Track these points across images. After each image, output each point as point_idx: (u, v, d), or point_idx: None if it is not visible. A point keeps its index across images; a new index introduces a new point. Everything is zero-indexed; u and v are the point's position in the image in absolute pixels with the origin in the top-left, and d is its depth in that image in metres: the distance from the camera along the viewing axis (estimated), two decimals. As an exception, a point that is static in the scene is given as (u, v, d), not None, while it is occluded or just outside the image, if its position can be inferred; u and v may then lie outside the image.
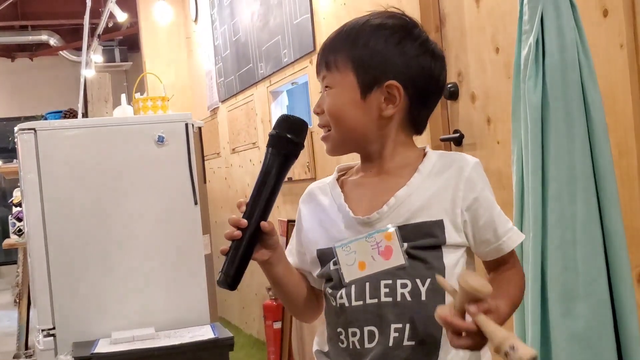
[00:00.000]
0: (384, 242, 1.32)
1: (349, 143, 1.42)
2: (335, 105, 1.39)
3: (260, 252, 1.37)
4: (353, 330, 1.34)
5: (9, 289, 9.15)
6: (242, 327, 5.79)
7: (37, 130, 2.97)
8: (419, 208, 1.34)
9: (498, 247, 1.36)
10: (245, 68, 4.99)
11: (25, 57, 11.21)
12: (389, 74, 1.36)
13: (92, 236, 2.99)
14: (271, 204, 1.36)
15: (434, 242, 1.32)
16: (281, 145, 1.36)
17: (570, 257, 1.62)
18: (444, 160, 1.39)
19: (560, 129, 1.63)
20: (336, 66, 1.40)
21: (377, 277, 1.32)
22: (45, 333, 2.92)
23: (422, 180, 1.37)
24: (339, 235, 1.38)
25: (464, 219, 1.34)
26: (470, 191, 1.34)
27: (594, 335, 1.61)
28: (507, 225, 1.37)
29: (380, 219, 1.35)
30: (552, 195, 1.63)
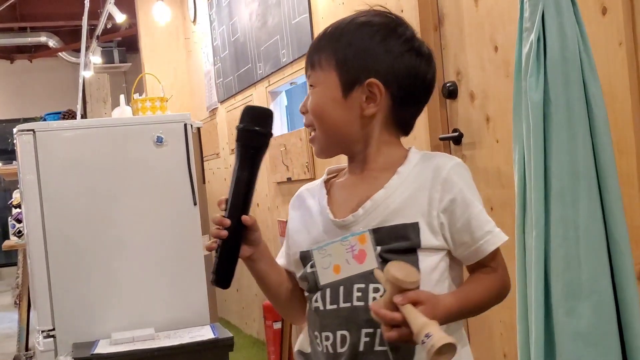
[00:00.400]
0: (358, 246, 1.30)
1: (334, 143, 1.41)
2: (318, 104, 1.39)
3: (242, 249, 1.37)
4: (326, 334, 1.33)
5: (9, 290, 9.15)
6: (242, 328, 5.79)
7: (36, 132, 2.97)
8: (395, 211, 1.32)
9: (476, 250, 1.33)
10: (244, 68, 4.99)
11: (24, 58, 11.21)
12: (371, 72, 1.35)
13: (92, 237, 2.98)
14: (249, 197, 1.36)
15: (408, 245, 1.30)
16: (249, 138, 1.36)
17: (573, 255, 1.62)
18: (425, 161, 1.37)
19: (562, 126, 1.63)
20: (320, 65, 1.39)
21: (351, 281, 1.31)
22: (45, 334, 2.92)
23: (400, 182, 1.35)
24: (319, 238, 1.38)
25: (441, 221, 1.32)
26: (447, 192, 1.32)
27: (597, 334, 1.61)
28: (486, 227, 1.33)
29: (356, 222, 1.34)
30: (555, 193, 1.63)
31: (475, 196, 1.35)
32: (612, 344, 1.62)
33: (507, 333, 2.48)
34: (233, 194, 1.35)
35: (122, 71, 10.92)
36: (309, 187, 1.50)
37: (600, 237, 1.63)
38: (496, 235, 1.34)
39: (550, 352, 1.67)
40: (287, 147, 4.22)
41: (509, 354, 2.48)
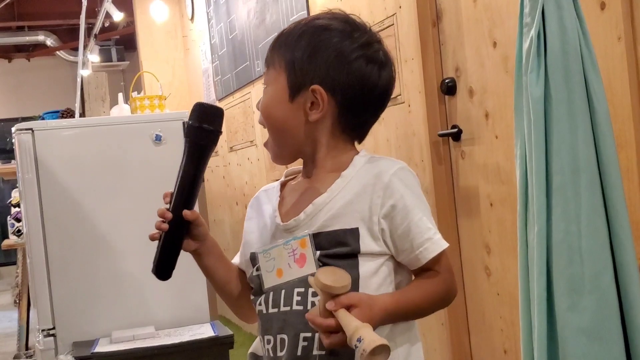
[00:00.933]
0: (299, 250, 1.30)
1: (283, 146, 1.40)
2: (267, 104, 1.39)
3: (187, 243, 1.38)
4: (268, 337, 1.34)
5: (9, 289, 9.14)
6: (241, 325, 5.79)
7: (34, 131, 2.96)
8: (335, 215, 1.32)
9: (415, 257, 1.31)
10: (242, 66, 4.98)
11: (22, 57, 11.20)
12: (316, 78, 1.34)
13: (91, 236, 2.98)
14: (194, 193, 1.37)
15: (347, 250, 1.29)
16: (197, 135, 1.36)
17: (576, 250, 1.61)
18: (369, 165, 1.36)
19: (563, 121, 1.63)
20: (273, 64, 1.40)
21: (292, 285, 1.31)
22: (45, 333, 2.92)
23: (343, 186, 1.34)
24: (267, 241, 1.38)
25: (382, 227, 1.30)
26: (388, 198, 1.30)
27: (600, 329, 1.60)
28: (426, 234, 1.31)
29: (298, 227, 1.34)
30: (556, 188, 1.63)
31: (418, 202, 1.33)
32: (615, 339, 1.62)
33: (507, 329, 2.48)
34: (177, 189, 1.36)
35: (120, 69, 10.91)
36: (267, 189, 1.51)
37: (602, 231, 1.63)
38: (436, 242, 1.31)
39: (553, 347, 1.67)
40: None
41: (510, 350, 2.48)
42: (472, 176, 2.60)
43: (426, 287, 1.32)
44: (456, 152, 2.69)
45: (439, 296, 1.34)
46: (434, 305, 1.35)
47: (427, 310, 1.34)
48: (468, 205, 2.64)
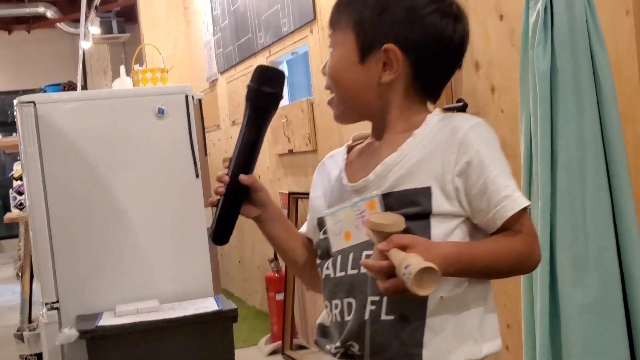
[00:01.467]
0: (367, 212, 1.24)
1: (350, 109, 1.34)
2: (334, 68, 1.33)
3: (246, 209, 1.35)
4: (335, 302, 1.30)
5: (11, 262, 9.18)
6: (244, 299, 5.81)
7: (36, 104, 2.94)
8: (405, 175, 1.24)
9: (493, 217, 1.21)
10: (244, 38, 4.95)
11: (22, 29, 11.14)
12: (389, 37, 1.26)
13: (94, 209, 2.98)
14: (253, 158, 1.34)
15: (418, 210, 1.21)
16: (258, 98, 1.33)
17: (580, 226, 1.61)
18: (443, 123, 1.27)
19: (569, 96, 1.62)
20: (339, 25, 1.32)
21: (360, 248, 1.25)
22: (49, 306, 2.92)
23: (414, 144, 1.26)
24: (334, 203, 1.32)
25: (456, 185, 1.22)
26: (462, 155, 1.21)
27: (603, 305, 1.61)
28: (504, 191, 1.20)
29: (368, 187, 1.28)
30: (561, 164, 1.62)
31: (495, 158, 1.22)
32: (617, 315, 1.62)
33: (510, 304, 2.49)
34: (237, 153, 1.33)
35: (120, 42, 10.85)
36: (333, 154, 1.44)
37: (606, 208, 1.63)
38: (514, 200, 1.20)
39: (556, 323, 1.67)
40: (288, 119, 4.20)
41: (513, 324, 2.49)
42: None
43: (501, 242, 1.21)
44: (460, 127, 2.68)
45: (517, 255, 1.22)
46: (510, 264, 1.23)
47: (500, 269, 1.23)
48: (472, 180, 2.63)
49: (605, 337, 1.61)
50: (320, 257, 1.34)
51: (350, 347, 1.26)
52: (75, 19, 9.44)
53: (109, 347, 2.66)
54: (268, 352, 4.37)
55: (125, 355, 2.68)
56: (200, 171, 3.08)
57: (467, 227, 1.24)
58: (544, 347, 1.66)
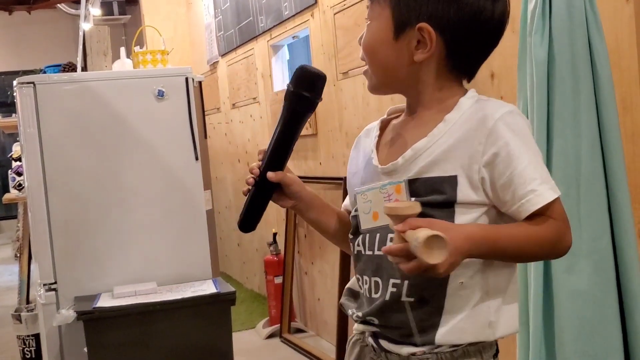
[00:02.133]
0: (394, 195, 1.23)
1: (383, 83, 1.34)
2: (369, 41, 1.31)
3: (281, 200, 1.41)
4: (365, 278, 1.33)
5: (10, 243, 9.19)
6: (243, 282, 5.83)
7: (36, 84, 2.94)
8: (433, 162, 1.24)
9: (517, 211, 1.20)
10: (245, 21, 4.94)
11: (23, 10, 11.09)
12: (424, 15, 1.24)
13: (93, 191, 2.98)
14: (284, 155, 1.38)
15: (443, 199, 1.22)
16: (296, 101, 1.35)
17: (574, 213, 1.62)
18: (475, 109, 1.25)
19: (566, 84, 1.62)
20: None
21: (386, 230, 1.24)
22: (47, 287, 2.93)
23: (445, 130, 1.25)
24: (365, 182, 1.33)
25: (482, 176, 1.21)
26: (491, 145, 1.20)
27: (596, 292, 1.62)
28: (531, 185, 1.19)
29: (396, 171, 1.28)
30: (557, 151, 1.63)
31: (525, 149, 1.21)
32: (610, 301, 1.63)
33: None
34: (271, 149, 1.38)
35: (121, 23, 10.81)
36: (369, 127, 1.44)
37: (601, 195, 1.63)
38: (540, 194, 1.19)
39: (549, 308, 1.68)
40: (288, 102, 4.19)
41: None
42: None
43: (530, 227, 1.20)
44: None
45: (545, 240, 1.21)
46: (539, 248, 1.22)
47: (528, 253, 1.23)
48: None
49: (598, 323, 1.63)
50: (352, 232, 1.38)
51: (371, 321, 1.31)
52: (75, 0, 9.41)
53: (107, 329, 2.67)
54: (266, 335, 4.39)
55: (122, 337, 2.69)
56: (199, 154, 3.09)
57: (493, 215, 1.24)
58: (537, 332, 1.67)
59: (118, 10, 10.32)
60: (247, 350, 4.19)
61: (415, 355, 1.26)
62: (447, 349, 1.25)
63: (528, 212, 1.19)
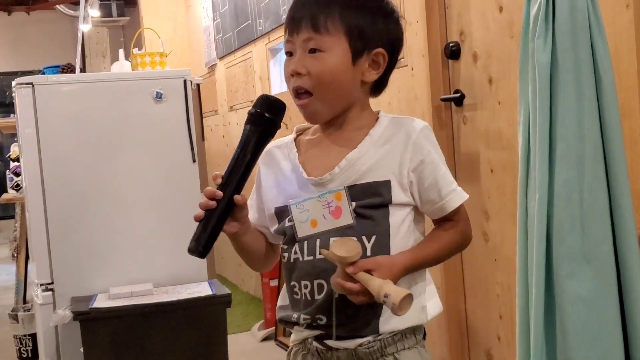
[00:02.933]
0: (334, 202, 1.39)
1: (331, 109, 1.44)
2: (329, 71, 1.40)
3: (230, 225, 1.42)
4: (305, 282, 1.43)
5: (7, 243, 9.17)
6: (238, 285, 5.82)
7: (34, 85, 2.94)
8: (368, 169, 1.41)
9: (441, 207, 1.44)
10: (244, 24, 4.94)
11: (22, 10, 11.09)
12: (378, 41, 1.42)
13: (90, 192, 2.98)
14: (245, 178, 1.40)
15: (380, 201, 1.40)
16: (260, 123, 1.40)
17: (576, 218, 1.62)
18: (394, 124, 1.45)
19: (569, 88, 1.62)
20: (326, 28, 1.40)
21: (327, 235, 1.40)
22: (43, 287, 2.93)
23: (372, 143, 1.43)
24: (294, 194, 1.45)
25: (410, 179, 1.41)
26: (416, 154, 1.41)
27: (598, 297, 1.62)
28: (451, 186, 1.44)
29: (332, 180, 1.42)
30: (559, 156, 1.63)
31: (441, 158, 1.44)
32: (612, 308, 1.63)
33: (503, 295, 2.50)
34: (230, 171, 1.39)
35: (120, 25, 10.80)
36: (278, 145, 1.54)
37: (603, 201, 1.63)
38: (459, 193, 1.45)
39: (550, 314, 1.68)
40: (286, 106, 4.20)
41: (505, 315, 2.50)
42: (474, 142, 2.59)
43: (443, 239, 1.46)
44: (458, 117, 2.68)
45: (455, 245, 1.48)
46: (450, 253, 1.49)
47: (443, 259, 1.49)
48: (468, 171, 2.63)
49: (600, 328, 1.62)
50: (286, 242, 1.47)
51: (318, 319, 1.42)
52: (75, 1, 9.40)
53: (102, 329, 2.67)
54: (261, 338, 4.39)
55: (118, 338, 2.70)
56: (197, 156, 3.09)
57: (413, 214, 1.45)
58: (538, 338, 1.67)
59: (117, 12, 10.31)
60: (243, 352, 4.18)
61: (362, 346, 1.41)
62: (388, 335, 1.42)
63: (451, 208, 1.44)
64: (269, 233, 1.54)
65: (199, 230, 1.39)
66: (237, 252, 1.54)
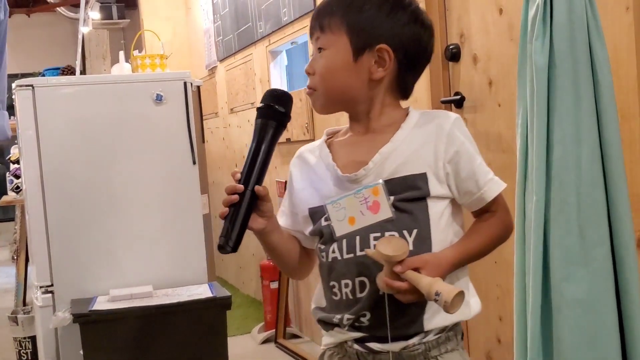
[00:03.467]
0: (371, 197, 1.37)
1: (336, 103, 1.48)
2: (328, 67, 1.44)
3: (256, 221, 1.42)
4: (346, 281, 1.42)
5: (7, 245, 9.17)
6: (239, 287, 5.82)
7: (35, 87, 2.94)
8: (403, 162, 1.41)
9: (480, 197, 1.44)
10: (244, 27, 4.94)
11: (22, 13, 11.10)
12: (381, 38, 1.42)
13: (90, 194, 2.98)
14: (264, 170, 1.41)
15: (418, 194, 1.40)
16: (270, 115, 1.42)
17: (574, 221, 1.62)
18: (425, 117, 1.47)
19: (567, 91, 1.62)
20: (330, 28, 1.44)
21: (366, 231, 1.39)
22: (43, 290, 2.93)
23: (404, 136, 1.44)
24: (329, 194, 1.44)
25: (447, 171, 1.41)
26: (451, 145, 1.41)
27: (595, 301, 1.61)
28: (488, 175, 1.44)
29: (367, 175, 1.42)
30: (557, 158, 1.62)
31: (475, 148, 1.45)
32: (609, 310, 1.63)
33: (503, 297, 2.50)
34: (249, 165, 1.40)
35: (120, 27, 10.81)
36: (309, 148, 1.57)
37: (601, 203, 1.63)
38: (496, 182, 1.45)
39: (547, 317, 1.68)
40: (286, 108, 4.20)
41: (505, 317, 2.50)
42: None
43: (485, 231, 1.46)
44: (458, 120, 2.68)
45: (497, 236, 1.48)
46: (494, 245, 1.49)
47: (487, 252, 1.48)
48: (468, 173, 2.63)
49: (597, 331, 1.62)
50: (323, 242, 1.46)
51: (362, 319, 1.41)
52: (75, 3, 9.41)
53: (102, 332, 2.67)
54: (261, 341, 4.39)
55: (118, 340, 2.69)
56: (197, 158, 3.09)
57: (451, 207, 1.45)
58: (535, 340, 1.67)
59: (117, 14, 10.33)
60: (242, 355, 4.18)
61: (407, 349, 1.41)
62: (433, 337, 1.42)
63: (490, 197, 1.44)
64: (303, 237, 1.54)
65: (226, 226, 1.38)
66: (270, 255, 1.55)
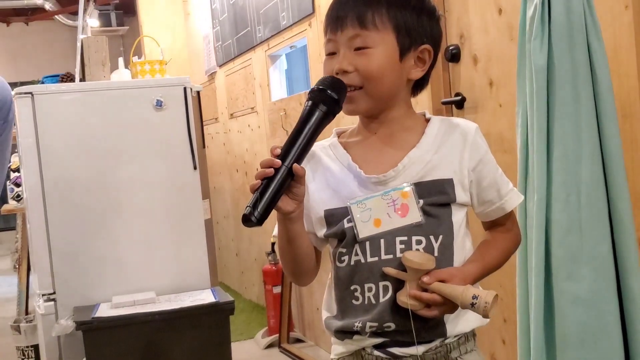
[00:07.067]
0: (400, 200, 1.35)
1: (381, 103, 1.42)
2: (378, 66, 1.38)
3: (286, 202, 1.33)
4: (369, 285, 1.38)
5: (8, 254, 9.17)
6: (241, 292, 5.82)
7: (34, 95, 2.95)
8: (432, 167, 1.39)
9: (500, 207, 1.43)
10: (243, 32, 4.94)
11: (20, 21, 11.11)
12: (424, 37, 1.41)
13: (91, 201, 2.98)
14: (305, 151, 1.34)
15: (445, 199, 1.38)
16: (322, 99, 1.36)
17: (575, 220, 1.61)
18: (447, 124, 1.44)
19: (566, 90, 1.62)
20: (374, 24, 1.38)
21: (392, 234, 1.36)
22: (45, 298, 2.93)
23: (430, 142, 1.41)
24: (351, 195, 1.39)
25: (471, 179, 1.40)
26: (475, 153, 1.40)
27: (597, 298, 1.61)
28: (509, 186, 1.44)
29: (395, 178, 1.39)
30: (557, 158, 1.62)
31: (494, 160, 1.45)
32: (611, 309, 1.63)
33: (507, 298, 2.49)
34: (290, 142, 1.33)
35: (119, 35, 10.83)
36: (324, 146, 1.49)
37: (602, 202, 1.63)
38: (516, 193, 1.46)
39: (550, 315, 1.68)
40: (286, 112, 4.20)
41: (509, 319, 2.49)
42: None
43: (501, 245, 1.46)
44: (458, 121, 2.67)
45: (511, 251, 1.49)
46: (507, 259, 1.49)
47: (501, 265, 1.48)
48: (469, 174, 2.63)
49: (599, 330, 1.62)
50: (344, 245, 1.40)
51: (386, 326, 1.37)
52: (73, 11, 9.41)
53: (105, 339, 2.67)
54: (265, 345, 4.38)
55: (121, 347, 2.69)
56: (198, 163, 3.08)
57: (467, 216, 1.43)
58: (538, 340, 1.67)
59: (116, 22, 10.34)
60: (246, 360, 4.18)
61: (430, 351, 1.39)
62: (454, 338, 1.40)
63: (511, 207, 1.44)
64: (314, 239, 1.46)
65: (255, 197, 1.29)
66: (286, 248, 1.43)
